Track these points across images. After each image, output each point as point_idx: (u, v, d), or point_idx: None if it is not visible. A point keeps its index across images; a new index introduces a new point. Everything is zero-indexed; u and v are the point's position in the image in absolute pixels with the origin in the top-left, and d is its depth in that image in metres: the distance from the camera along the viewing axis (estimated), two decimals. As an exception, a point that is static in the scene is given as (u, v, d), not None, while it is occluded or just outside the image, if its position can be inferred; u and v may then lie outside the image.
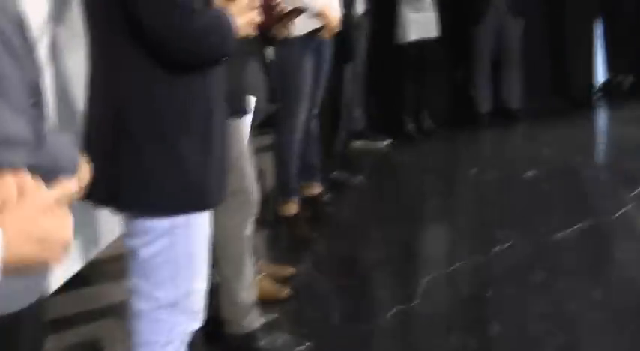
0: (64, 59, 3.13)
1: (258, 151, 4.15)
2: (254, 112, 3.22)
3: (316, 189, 4.75)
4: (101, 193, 1.98)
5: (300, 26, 4.07)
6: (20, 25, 1.43)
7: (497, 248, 4.02)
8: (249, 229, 3.08)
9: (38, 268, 1.07)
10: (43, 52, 2.79)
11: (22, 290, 1.40)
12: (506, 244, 4.05)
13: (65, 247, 1.05)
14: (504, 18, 6.51)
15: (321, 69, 4.46)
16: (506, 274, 3.81)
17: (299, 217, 4.41)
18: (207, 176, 2.17)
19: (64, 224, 1.05)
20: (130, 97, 2.09)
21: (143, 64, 2.08)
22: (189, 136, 2.12)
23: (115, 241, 3.53)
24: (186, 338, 2.26)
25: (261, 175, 4.04)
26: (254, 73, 3.42)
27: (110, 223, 3.49)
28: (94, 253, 3.49)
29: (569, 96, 6.97)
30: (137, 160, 2.10)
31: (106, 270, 3.54)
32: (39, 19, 2.87)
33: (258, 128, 3.83)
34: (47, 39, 3.01)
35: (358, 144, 6.09)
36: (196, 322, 2.28)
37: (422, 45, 6.10)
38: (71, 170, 1.56)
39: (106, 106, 2.14)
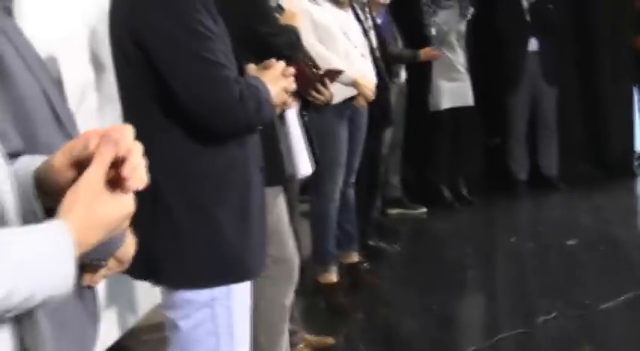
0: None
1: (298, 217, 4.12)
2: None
3: (354, 257, 4.70)
4: (140, 266, 1.94)
5: (335, 94, 4.08)
6: (59, 85, 1.45)
7: (540, 320, 3.91)
8: (289, 298, 3.02)
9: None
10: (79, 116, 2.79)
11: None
12: (551, 316, 3.95)
13: (128, 218, 1.12)
14: (539, 86, 6.53)
15: (355, 137, 4.44)
16: (552, 347, 3.71)
17: (337, 286, 4.35)
18: (247, 246, 2.14)
19: (118, 201, 1.08)
20: (166, 169, 2.05)
21: (178, 135, 2.06)
22: (228, 207, 2.09)
23: (153, 311, 3.49)
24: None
25: (298, 242, 4.00)
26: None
27: (148, 292, 3.46)
28: (132, 323, 3.43)
29: (607, 164, 6.92)
30: (175, 232, 2.07)
31: (145, 339, 3.49)
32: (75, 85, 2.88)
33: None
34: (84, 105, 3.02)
35: (395, 212, 6.08)
36: None
37: (457, 113, 6.12)
38: (118, 242, 1.55)
39: None
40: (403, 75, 5.73)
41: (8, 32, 1.47)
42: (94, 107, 3.01)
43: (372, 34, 4.84)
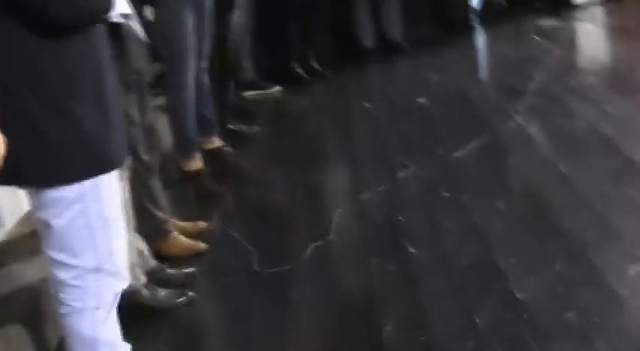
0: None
1: (153, 111, 4.07)
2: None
3: (216, 142, 4.72)
4: (4, 171, 1.92)
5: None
6: None
7: (401, 174, 4.09)
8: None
9: None
10: None
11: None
12: (410, 169, 4.13)
13: None
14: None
15: (203, 22, 4.37)
16: (414, 198, 3.89)
17: (203, 172, 4.39)
18: (108, 136, 2.11)
19: None
20: (16, 71, 2.01)
21: (23, 34, 1.99)
22: (83, 100, 2.06)
23: (20, 221, 3.45)
24: (116, 299, 2.24)
25: (158, 137, 3.99)
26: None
27: (13, 203, 3.41)
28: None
29: (447, 21, 7.07)
30: (35, 132, 2.02)
31: (14, 251, 3.44)
32: None
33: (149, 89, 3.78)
34: None
35: (251, 94, 6.06)
36: (123, 282, 2.26)
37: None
38: None
39: None
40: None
41: None
42: None
43: None
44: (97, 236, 2.15)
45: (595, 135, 4.26)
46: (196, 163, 4.37)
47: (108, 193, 2.16)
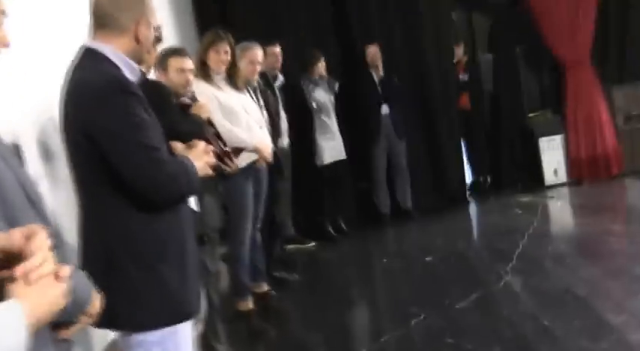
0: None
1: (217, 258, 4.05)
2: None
3: (264, 287, 4.65)
4: (101, 317, 1.87)
5: (241, 159, 4.08)
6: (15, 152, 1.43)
7: (413, 321, 3.96)
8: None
9: None
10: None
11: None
12: (420, 317, 4.01)
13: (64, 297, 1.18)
14: (392, 140, 6.64)
15: (260, 193, 4.42)
16: (424, 342, 3.74)
17: (253, 312, 4.31)
18: (186, 292, 2.09)
19: (53, 286, 1.16)
20: (116, 236, 2.01)
21: (124, 208, 2.01)
22: (168, 262, 2.05)
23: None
24: None
25: (220, 279, 3.95)
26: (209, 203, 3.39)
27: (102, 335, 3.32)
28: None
29: (447, 195, 7.09)
30: (128, 287, 2.00)
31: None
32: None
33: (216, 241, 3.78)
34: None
35: (291, 247, 6.04)
36: None
37: (334, 164, 6.17)
38: (87, 300, 1.51)
39: (96, 245, 2.04)
40: (286, 140, 5.75)
41: None
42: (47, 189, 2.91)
43: (264, 110, 4.86)
44: None
45: (570, 295, 4.12)
46: (248, 304, 4.30)
47: (183, 338, 2.10)
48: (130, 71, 2.03)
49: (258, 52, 4.69)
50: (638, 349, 3.29)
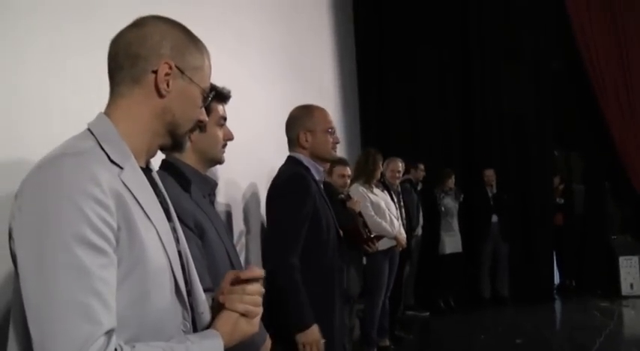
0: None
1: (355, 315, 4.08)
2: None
3: (386, 342, 4.58)
4: None
5: (383, 244, 4.17)
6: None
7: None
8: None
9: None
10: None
11: None
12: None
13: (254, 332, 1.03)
14: (497, 241, 6.45)
15: (392, 269, 4.45)
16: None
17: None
18: (334, 346, 1.99)
19: (249, 323, 1.03)
20: None
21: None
22: (320, 321, 1.95)
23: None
24: None
25: (354, 333, 3.95)
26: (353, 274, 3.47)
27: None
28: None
29: (538, 290, 6.69)
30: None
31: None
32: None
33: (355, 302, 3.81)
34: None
35: (410, 313, 5.92)
36: None
37: (452, 255, 6.07)
38: (261, 342, 1.49)
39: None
40: (420, 231, 5.79)
41: (210, 214, 1.49)
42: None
43: (402, 209, 4.96)
44: None
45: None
46: (374, 355, 4.25)
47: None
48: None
49: (399, 164, 4.86)
50: None
